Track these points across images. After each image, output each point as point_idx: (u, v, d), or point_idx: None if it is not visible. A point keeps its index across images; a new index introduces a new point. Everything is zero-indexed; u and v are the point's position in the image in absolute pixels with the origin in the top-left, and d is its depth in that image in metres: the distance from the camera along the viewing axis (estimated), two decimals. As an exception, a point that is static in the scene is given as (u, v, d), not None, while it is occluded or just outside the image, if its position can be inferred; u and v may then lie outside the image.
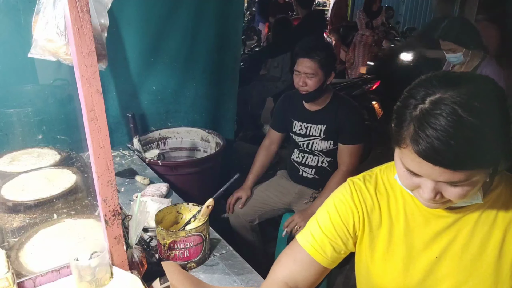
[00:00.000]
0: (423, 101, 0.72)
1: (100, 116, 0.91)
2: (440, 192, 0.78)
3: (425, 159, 0.72)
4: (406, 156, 0.76)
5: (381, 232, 0.97)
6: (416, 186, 0.80)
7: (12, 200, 1.41)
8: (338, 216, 0.99)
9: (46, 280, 1.07)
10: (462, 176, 0.72)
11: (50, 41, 0.95)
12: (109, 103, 2.20)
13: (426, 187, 0.77)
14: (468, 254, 0.89)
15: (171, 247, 1.25)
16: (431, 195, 0.77)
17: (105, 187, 0.97)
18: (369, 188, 0.99)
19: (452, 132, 0.68)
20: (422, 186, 0.79)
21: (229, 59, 2.58)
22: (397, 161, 0.82)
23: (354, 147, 1.98)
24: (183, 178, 2.12)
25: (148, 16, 2.16)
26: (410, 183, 0.81)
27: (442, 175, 0.73)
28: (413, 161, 0.75)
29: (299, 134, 2.08)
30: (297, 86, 1.98)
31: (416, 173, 0.77)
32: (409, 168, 0.78)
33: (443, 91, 0.71)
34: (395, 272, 0.96)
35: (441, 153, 0.69)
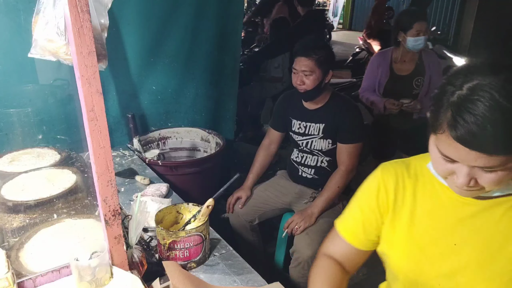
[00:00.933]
0: (461, 88, 0.74)
1: (100, 116, 0.91)
2: (474, 178, 0.79)
3: (462, 144, 0.73)
4: (442, 141, 0.78)
5: (403, 213, 0.99)
6: (450, 172, 0.82)
7: (12, 200, 1.41)
8: (368, 199, 1.04)
9: (46, 280, 1.07)
10: (497, 161, 0.73)
11: (50, 41, 0.95)
12: (109, 103, 2.20)
13: (461, 172, 0.79)
14: (489, 246, 0.88)
15: (171, 247, 1.25)
16: (465, 180, 0.78)
17: (105, 187, 0.97)
18: (398, 170, 1.02)
19: (489, 117, 0.70)
20: (457, 172, 0.80)
21: (229, 59, 2.58)
22: (433, 148, 0.84)
23: (353, 146, 1.98)
24: (183, 178, 2.12)
25: (148, 16, 2.16)
26: (444, 169, 0.82)
27: (478, 160, 0.74)
28: (450, 146, 0.76)
29: (298, 133, 2.08)
30: (295, 84, 1.98)
31: (451, 159, 0.79)
32: (444, 154, 0.79)
33: (481, 77, 0.73)
34: (412, 255, 0.97)
35: (478, 137, 0.71)
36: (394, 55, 2.59)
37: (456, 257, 0.91)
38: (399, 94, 2.52)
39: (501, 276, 0.86)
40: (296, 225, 1.93)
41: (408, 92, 2.53)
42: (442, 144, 0.79)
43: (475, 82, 0.73)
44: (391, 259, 1.02)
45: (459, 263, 0.91)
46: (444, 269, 0.92)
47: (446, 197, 0.93)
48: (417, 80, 2.53)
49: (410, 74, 2.54)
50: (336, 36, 11.50)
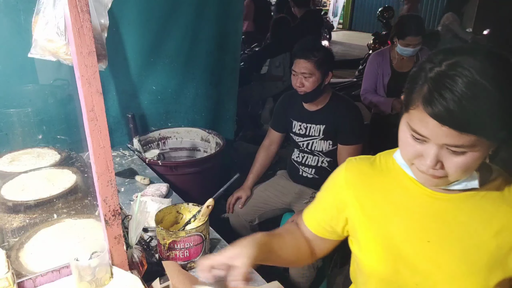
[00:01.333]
0: (440, 64, 0.74)
1: (100, 116, 0.91)
2: (441, 162, 0.78)
3: (434, 118, 0.73)
4: (414, 117, 0.77)
5: (372, 211, 0.97)
6: (418, 154, 0.81)
7: (12, 200, 1.41)
8: (330, 194, 1.05)
9: (46, 280, 1.07)
10: (466, 140, 0.73)
11: (50, 41, 0.95)
12: (109, 103, 2.20)
13: (429, 153, 0.78)
14: (463, 240, 0.87)
15: (171, 247, 1.25)
16: (432, 161, 0.77)
17: (105, 187, 0.97)
18: (363, 166, 1.01)
19: (465, 94, 0.69)
20: (424, 154, 0.79)
21: (229, 59, 2.58)
22: (403, 127, 0.83)
23: (353, 148, 1.98)
24: (183, 178, 2.12)
25: (148, 16, 2.16)
26: (412, 151, 0.81)
27: (448, 137, 0.74)
28: (421, 122, 0.76)
29: (299, 134, 2.08)
30: (294, 86, 1.98)
31: (421, 136, 0.77)
32: (415, 129, 0.78)
33: (461, 57, 0.73)
34: (385, 254, 0.94)
35: (452, 113, 0.71)
36: (392, 54, 2.61)
37: (431, 255, 0.89)
38: (402, 91, 2.54)
39: (479, 269, 0.85)
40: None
41: None
42: (413, 119, 0.78)
43: (454, 59, 0.73)
44: (363, 260, 0.99)
45: (435, 261, 0.89)
46: (420, 267, 0.90)
47: (416, 192, 0.92)
48: None
49: (410, 70, 2.55)
50: (336, 36, 11.50)
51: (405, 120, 0.81)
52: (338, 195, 1.02)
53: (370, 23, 12.05)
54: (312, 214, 1.09)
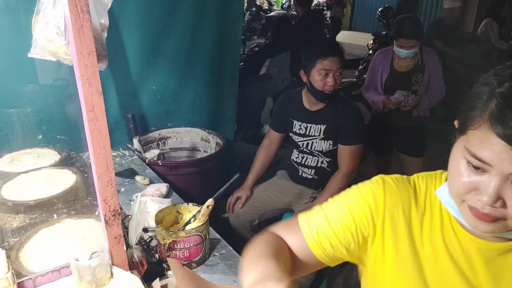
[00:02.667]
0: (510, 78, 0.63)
1: (100, 116, 0.91)
2: (502, 198, 0.64)
3: (505, 139, 0.60)
4: (474, 138, 0.64)
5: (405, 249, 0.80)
6: (474, 187, 0.66)
7: (12, 200, 1.41)
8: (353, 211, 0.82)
9: (46, 280, 1.07)
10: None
11: (50, 41, 0.95)
12: (109, 103, 2.20)
13: (489, 186, 0.64)
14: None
15: (171, 247, 1.25)
16: (492, 196, 0.63)
17: (105, 187, 0.97)
18: (403, 194, 0.82)
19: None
20: (482, 187, 0.65)
21: (229, 59, 2.58)
22: (456, 154, 0.69)
23: (354, 148, 1.98)
24: (183, 178, 2.12)
25: (148, 16, 2.16)
26: (466, 182, 0.67)
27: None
28: (484, 143, 0.62)
29: (299, 134, 2.08)
30: (322, 87, 1.94)
31: (481, 163, 0.64)
32: (474, 153, 0.64)
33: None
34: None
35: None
36: (395, 53, 2.62)
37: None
38: (398, 89, 2.55)
39: None
40: None
41: (407, 88, 2.55)
42: (473, 141, 0.64)
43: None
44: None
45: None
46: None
47: (458, 238, 0.77)
48: (416, 76, 2.55)
49: (410, 70, 2.56)
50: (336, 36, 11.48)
51: (462, 143, 0.68)
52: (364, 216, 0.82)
53: (370, 23, 12.04)
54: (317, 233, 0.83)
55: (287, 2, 12.87)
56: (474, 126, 0.64)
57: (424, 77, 2.54)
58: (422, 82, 2.54)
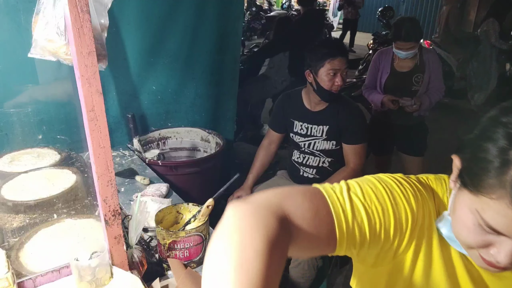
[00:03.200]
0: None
1: (100, 116, 0.91)
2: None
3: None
4: (491, 209, 0.57)
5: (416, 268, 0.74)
6: (487, 244, 0.61)
7: (12, 200, 1.41)
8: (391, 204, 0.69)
9: (46, 280, 1.07)
10: None
11: (50, 41, 0.95)
12: (109, 103, 2.20)
13: (504, 249, 0.59)
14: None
15: (171, 247, 1.25)
16: (509, 259, 0.59)
17: (105, 187, 0.97)
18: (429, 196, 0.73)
19: None
20: (497, 246, 0.60)
21: (229, 59, 2.58)
22: (465, 210, 0.62)
23: (359, 147, 2.00)
24: (183, 178, 2.12)
25: (148, 16, 2.16)
26: (478, 240, 0.61)
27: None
28: (504, 218, 0.56)
29: (300, 134, 2.08)
30: (330, 86, 1.94)
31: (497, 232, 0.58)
32: (490, 224, 0.58)
33: None
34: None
35: None
36: (395, 53, 2.62)
37: None
38: (398, 90, 2.56)
39: None
40: None
41: (407, 89, 2.56)
42: (490, 211, 0.57)
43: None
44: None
45: None
46: None
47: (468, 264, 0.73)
48: (416, 77, 2.55)
49: (410, 71, 2.56)
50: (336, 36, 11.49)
51: (472, 206, 0.60)
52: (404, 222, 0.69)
53: (370, 23, 12.05)
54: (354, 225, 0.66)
55: (287, 2, 12.88)
56: (491, 196, 0.56)
57: (424, 77, 2.54)
58: (423, 82, 2.54)
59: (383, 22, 6.52)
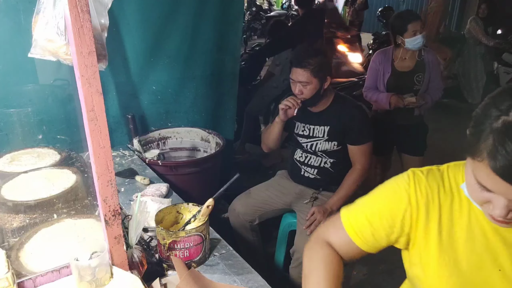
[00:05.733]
0: (507, 113, 0.66)
1: (100, 116, 0.91)
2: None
3: (502, 178, 0.66)
4: (480, 170, 0.70)
5: (438, 234, 0.89)
6: (486, 201, 0.74)
7: (12, 200, 1.41)
8: (388, 206, 0.93)
9: (46, 280, 1.07)
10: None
11: (50, 41, 0.95)
12: (109, 103, 2.20)
13: (498, 204, 0.72)
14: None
15: (171, 247, 1.25)
16: (502, 212, 0.71)
17: (105, 187, 0.97)
18: (432, 183, 0.90)
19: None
20: (494, 202, 0.73)
21: (229, 59, 2.58)
22: (468, 173, 0.76)
23: (365, 146, 1.99)
24: (183, 178, 2.12)
25: (148, 16, 2.16)
26: (479, 196, 0.75)
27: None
28: (488, 177, 0.69)
29: (302, 135, 2.08)
30: (294, 93, 1.98)
31: (488, 190, 0.72)
32: (481, 183, 0.72)
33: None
34: (452, 281, 0.88)
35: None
36: (395, 53, 2.62)
37: (501, 283, 0.84)
38: (401, 89, 2.56)
39: None
40: (319, 223, 1.91)
41: (409, 88, 2.56)
42: (480, 172, 0.71)
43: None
44: (427, 284, 0.92)
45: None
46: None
47: (487, 223, 0.84)
48: (417, 76, 2.55)
49: (411, 70, 2.56)
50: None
51: (470, 167, 0.74)
52: (405, 216, 0.91)
53: (370, 23, 12.04)
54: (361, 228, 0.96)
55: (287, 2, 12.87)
56: (478, 158, 0.69)
57: (425, 76, 2.54)
58: (423, 81, 2.55)
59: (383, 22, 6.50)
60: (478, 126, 0.70)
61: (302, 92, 1.93)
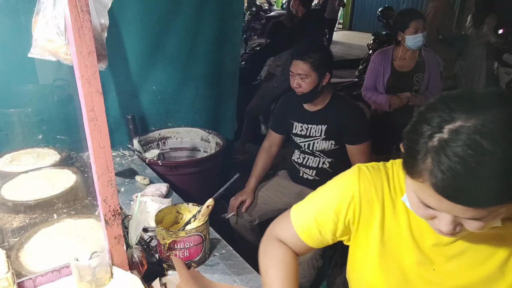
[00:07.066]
0: (440, 129, 0.63)
1: (100, 116, 0.91)
2: (460, 224, 0.70)
3: (446, 198, 0.64)
4: (422, 190, 0.68)
5: (381, 232, 0.90)
6: (431, 217, 0.73)
7: (12, 200, 1.41)
8: (333, 203, 0.94)
9: (46, 280, 1.07)
10: (486, 212, 0.65)
11: (50, 41, 0.95)
12: (109, 103, 2.20)
13: (445, 220, 0.70)
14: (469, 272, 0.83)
15: (171, 247, 1.25)
16: (449, 227, 0.70)
17: (105, 187, 0.97)
18: (376, 180, 0.90)
19: (476, 168, 0.59)
20: (439, 218, 0.71)
21: (229, 59, 2.58)
22: (409, 191, 0.74)
23: (363, 146, 1.99)
24: (183, 178, 2.12)
25: (148, 16, 2.16)
26: (424, 214, 0.73)
27: (465, 213, 0.66)
28: (431, 197, 0.67)
29: (300, 135, 2.08)
30: (292, 86, 1.99)
31: (431, 207, 0.70)
32: (425, 203, 0.70)
33: (464, 117, 0.62)
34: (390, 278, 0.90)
35: (464, 191, 0.62)
36: (395, 53, 2.62)
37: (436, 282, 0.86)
38: (401, 89, 2.57)
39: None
40: None
41: (409, 88, 2.57)
42: (422, 193, 0.69)
43: (457, 123, 0.62)
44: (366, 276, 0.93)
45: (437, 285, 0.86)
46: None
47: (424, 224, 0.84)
48: (417, 76, 2.56)
49: (411, 70, 2.57)
50: (336, 36, 11.50)
51: (411, 187, 0.72)
52: (348, 212, 0.92)
53: (370, 23, 12.06)
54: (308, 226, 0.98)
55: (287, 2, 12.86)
56: (419, 179, 0.67)
57: (424, 76, 2.55)
58: (423, 81, 2.55)
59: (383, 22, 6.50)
60: (413, 146, 0.67)
61: (300, 85, 1.94)
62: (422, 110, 0.69)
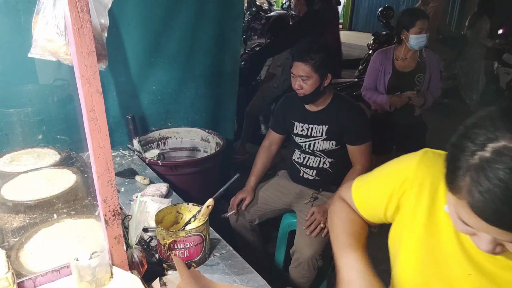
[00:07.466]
0: (483, 148, 0.61)
1: (100, 116, 0.91)
2: (500, 244, 0.68)
3: (483, 219, 0.62)
4: (461, 207, 0.66)
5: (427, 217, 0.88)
6: (471, 233, 0.71)
7: (12, 200, 1.41)
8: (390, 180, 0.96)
9: (46, 280, 1.07)
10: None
11: (50, 41, 0.95)
12: (109, 103, 2.20)
13: (484, 239, 0.68)
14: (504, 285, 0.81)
15: (171, 247, 1.25)
16: (489, 247, 0.68)
17: (105, 187, 0.97)
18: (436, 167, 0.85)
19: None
20: (479, 236, 0.69)
21: (229, 59, 2.59)
22: (450, 205, 0.72)
23: (364, 146, 1.99)
24: (183, 178, 2.12)
25: (148, 16, 2.16)
26: (463, 229, 0.71)
27: (504, 236, 0.63)
28: (469, 215, 0.65)
29: (301, 135, 2.08)
30: (294, 88, 1.98)
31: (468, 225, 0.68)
32: (463, 220, 0.68)
33: (509, 137, 0.59)
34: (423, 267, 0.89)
35: (502, 215, 0.59)
36: (396, 53, 2.61)
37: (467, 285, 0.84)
38: (402, 90, 2.57)
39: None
40: (318, 223, 1.90)
41: (410, 88, 2.57)
42: (461, 210, 0.67)
43: (501, 143, 0.59)
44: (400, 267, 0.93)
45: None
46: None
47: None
48: (418, 76, 2.56)
49: (412, 71, 2.56)
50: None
51: (451, 202, 0.70)
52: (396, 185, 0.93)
53: (370, 23, 12.05)
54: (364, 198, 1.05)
55: (287, 2, 12.86)
56: (458, 196, 0.66)
57: (425, 77, 2.55)
58: (424, 81, 2.55)
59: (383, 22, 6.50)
60: (454, 161, 0.66)
61: (301, 87, 1.93)
62: (468, 126, 0.66)
